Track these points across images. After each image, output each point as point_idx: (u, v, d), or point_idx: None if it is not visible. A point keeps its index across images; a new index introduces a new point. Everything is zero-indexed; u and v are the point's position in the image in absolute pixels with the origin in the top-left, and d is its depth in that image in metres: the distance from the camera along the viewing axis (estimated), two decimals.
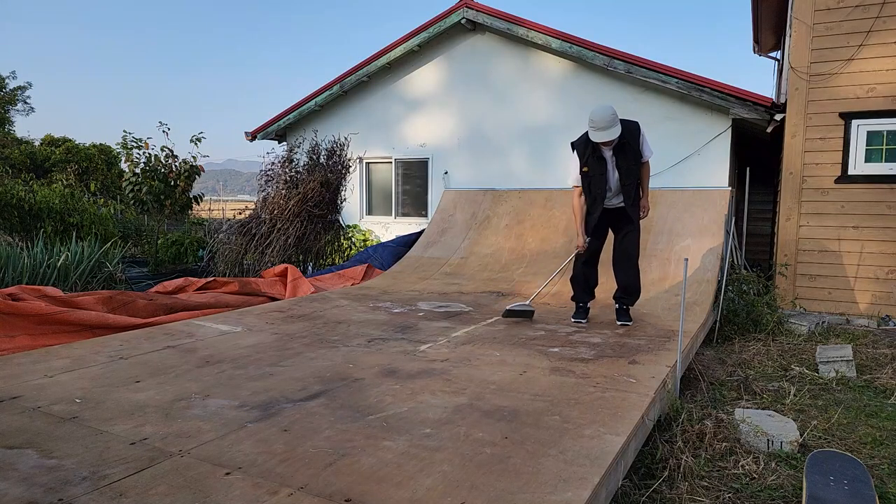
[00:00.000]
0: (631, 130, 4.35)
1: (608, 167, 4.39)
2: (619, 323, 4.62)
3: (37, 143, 21.96)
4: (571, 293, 4.93)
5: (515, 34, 8.56)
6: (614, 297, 4.73)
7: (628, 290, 4.65)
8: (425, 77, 9.62)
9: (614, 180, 4.42)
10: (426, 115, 9.69)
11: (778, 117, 6.92)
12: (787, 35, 7.22)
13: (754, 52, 11.16)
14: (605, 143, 4.27)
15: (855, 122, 6.32)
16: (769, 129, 7.22)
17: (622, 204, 4.50)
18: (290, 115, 10.51)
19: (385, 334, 4.23)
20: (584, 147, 4.40)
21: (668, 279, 5.85)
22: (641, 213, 4.56)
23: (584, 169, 4.40)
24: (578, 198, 4.53)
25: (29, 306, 4.04)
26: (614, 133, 4.16)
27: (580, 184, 4.50)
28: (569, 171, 4.60)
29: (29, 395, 2.75)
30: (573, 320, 4.69)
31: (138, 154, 11.13)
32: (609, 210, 4.56)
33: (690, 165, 7.82)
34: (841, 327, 6.07)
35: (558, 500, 1.89)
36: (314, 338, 4.08)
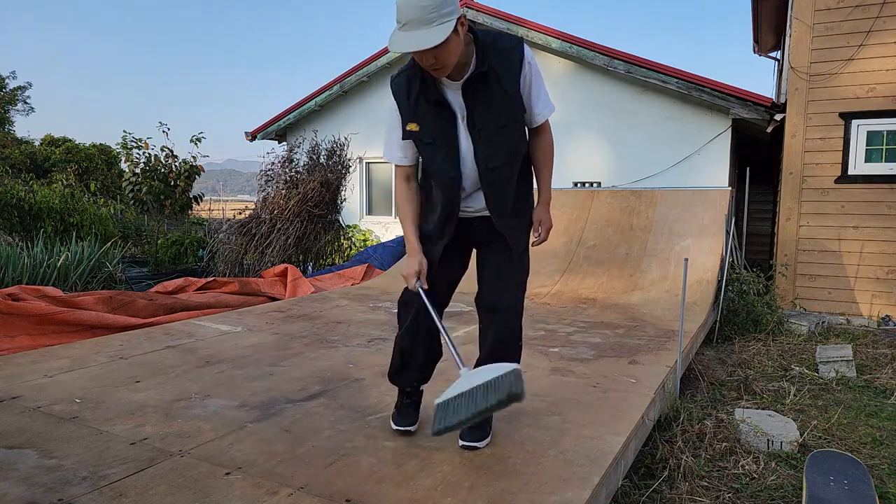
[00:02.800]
0: (503, 53, 2.10)
1: (458, 127, 2.17)
2: (461, 444, 2.27)
3: (37, 143, 21.98)
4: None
5: (515, 34, 8.56)
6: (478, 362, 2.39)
7: (500, 349, 2.30)
8: None
9: (469, 156, 2.19)
10: None
11: (778, 117, 6.92)
12: (787, 35, 7.22)
13: (754, 52, 11.15)
14: (430, 66, 1.98)
15: (855, 122, 6.32)
16: (769, 129, 7.22)
17: (486, 211, 2.27)
18: (290, 115, 10.51)
19: (385, 334, 4.22)
20: (408, 85, 2.15)
21: (667, 279, 5.85)
22: (534, 236, 2.35)
23: (411, 127, 2.18)
24: (405, 184, 2.31)
25: (29, 306, 4.03)
26: (433, 38, 1.86)
27: (406, 161, 2.28)
28: (389, 138, 2.28)
29: (29, 395, 2.75)
30: (393, 426, 2.42)
31: (138, 154, 11.13)
32: (466, 221, 2.31)
33: (690, 165, 7.83)
34: (841, 327, 6.07)
35: (558, 500, 1.89)
36: (314, 338, 4.07)
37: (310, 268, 8.49)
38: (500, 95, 2.12)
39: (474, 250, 2.43)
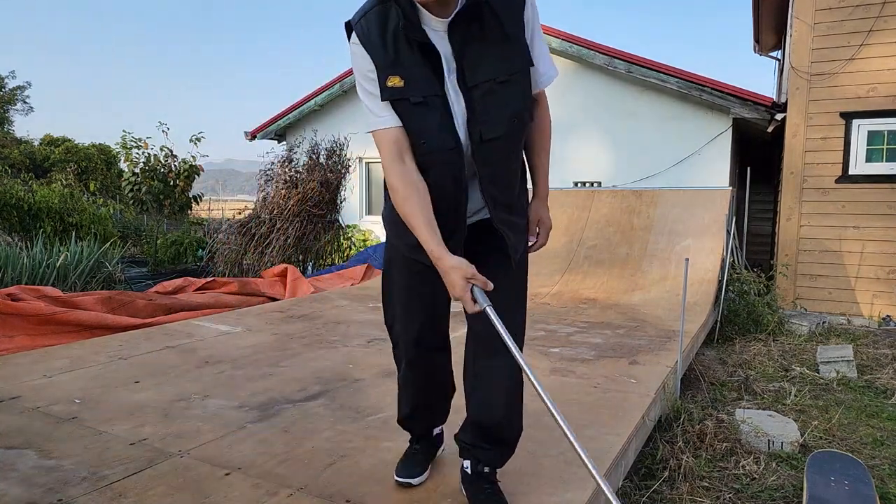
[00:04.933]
0: None
1: (447, 84, 1.58)
2: None
3: (36, 143, 21.95)
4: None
5: None
6: (462, 444, 1.90)
7: (493, 432, 1.83)
8: None
9: (462, 119, 1.59)
10: None
11: (779, 117, 6.92)
12: (788, 35, 7.22)
13: (755, 52, 11.16)
14: None
15: (856, 122, 6.32)
16: (770, 129, 7.22)
17: (482, 214, 1.75)
18: (290, 115, 10.51)
19: (385, 335, 4.20)
20: (383, 24, 1.56)
21: (668, 279, 5.84)
22: (530, 240, 1.86)
23: (394, 82, 1.56)
24: (401, 165, 1.64)
25: (28, 306, 4.03)
26: None
27: (389, 123, 1.61)
28: (369, 103, 1.63)
29: (28, 396, 2.74)
30: (396, 478, 1.97)
31: (137, 154, 11.13)
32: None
33: (691, 165, 7.82)
34: (842, 327, 6.06)
35: (558, 500, 1.89)
36: (314, 338, 4.07)
37: (310, 268, 8.48)
38: (500, 39, 1.55)
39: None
